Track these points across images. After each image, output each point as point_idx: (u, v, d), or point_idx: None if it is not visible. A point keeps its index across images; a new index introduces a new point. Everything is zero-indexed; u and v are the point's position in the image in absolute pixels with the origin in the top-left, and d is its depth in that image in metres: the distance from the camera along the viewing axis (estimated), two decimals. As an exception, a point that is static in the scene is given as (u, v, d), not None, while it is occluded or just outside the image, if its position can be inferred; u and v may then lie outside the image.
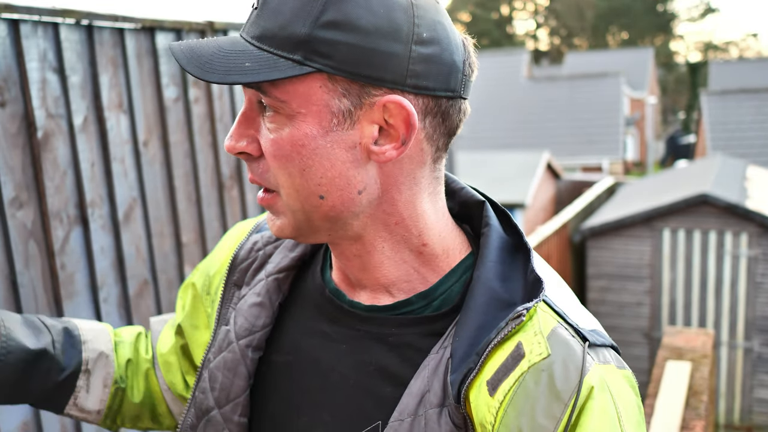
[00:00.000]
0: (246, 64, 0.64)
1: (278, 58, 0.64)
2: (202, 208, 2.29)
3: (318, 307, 0.80)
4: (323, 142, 0.66)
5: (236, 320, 0.83)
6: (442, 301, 0.74)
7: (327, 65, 0.64)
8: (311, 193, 0.68)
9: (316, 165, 0.67)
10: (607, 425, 0.61)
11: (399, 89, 0.66)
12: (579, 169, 18.63)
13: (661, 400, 2.88)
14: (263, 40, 0.65)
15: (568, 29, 50.34)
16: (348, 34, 0.63)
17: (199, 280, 0.97)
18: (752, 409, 6.67)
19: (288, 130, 0.66)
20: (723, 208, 6.51)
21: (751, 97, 15.48)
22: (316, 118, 0.66)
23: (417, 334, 0.73)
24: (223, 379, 0.81)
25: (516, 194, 10.41)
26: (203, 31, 2.28)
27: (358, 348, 0.75)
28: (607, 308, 7.21)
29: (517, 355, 0.64)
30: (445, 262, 0.75)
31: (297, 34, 0.63)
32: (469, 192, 0.82)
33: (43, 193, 1.70)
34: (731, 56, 48.81)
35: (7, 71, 1.61)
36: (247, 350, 0.81)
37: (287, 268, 0.84)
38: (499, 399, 0.62)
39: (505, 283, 0.71)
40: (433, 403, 0.67)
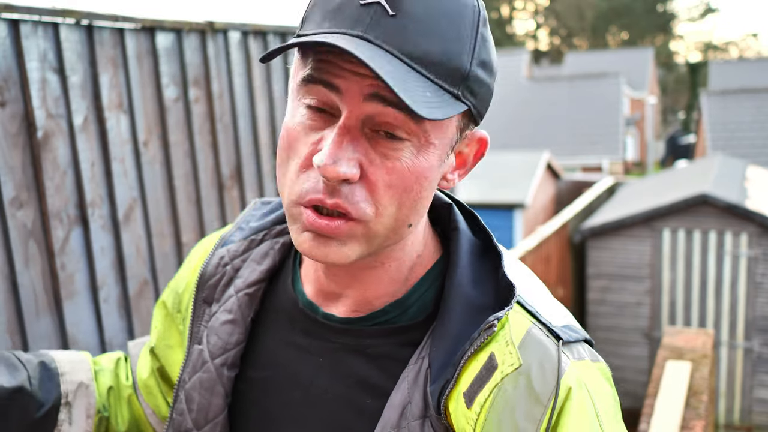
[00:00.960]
0: (427, 94, 0.58)
1: (442, 91, 0.59)
2: (202, 208, 2.29)
3: (292, 319, 0.78)
4: (437, 174, 0.65)
5: (209, 339, 0.81)
6: (416, 309, 0.73)
7: (473, 104, 0.63)
8: (406, 222, 0.66)
9: (427, 196, 0.65)
10: (586, 424, 0.61)
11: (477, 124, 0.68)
12: (579, 169, 18.63)
13: (661, 400, 2.88)
14: (424, 65, 0.58)
15: (568, 29, 50.34)
16: (489, 76, 0.64)
17: (169, 298, 0.94)
18: (752, 409, 6.67)
19: (416, 160, 0.62)
20: (723, 208, 6.51)
21: (751, 97, 15.48)
22: (441, 150, 0.64)
23: (394, 344, 0.72)
24: (200, 400, 0.80)
25: (516, 194, 10.41)
26: (203, 31, 2.28)
27: (335, 361, 0.74)
28: (607, 308, 7.21)
29: (491, 367, 0.63)
30: (420, 269, 0.74)
31: (462, 69, 0.60)
32: (436, 194, 0.79)
33: (43, 193, 1.70)
34: (731, 56, 48.81)
35: (7, 71, 1.61)
36: (223, 369, 0.79)
37: (257, 282, 0.82)
38: (476, 411, 0.62)
39: (478, 286, 0.69)
40: (415, 415, 0.66)
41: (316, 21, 0.62)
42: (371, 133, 0.62)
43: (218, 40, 2.34)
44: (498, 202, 10.23)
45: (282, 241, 0.84)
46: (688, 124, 36.69)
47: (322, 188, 0.62)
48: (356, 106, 0.60)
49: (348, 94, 0.60)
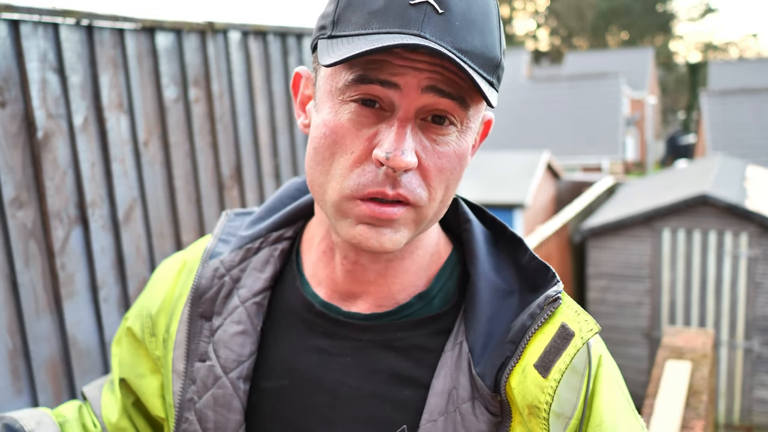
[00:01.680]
0: (480, 80, 0.63)
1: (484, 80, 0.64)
2: (202, 208, 2.29)
3: (307, 323, 0.77)
4: (469, 154, 0.70)
5: (218, 353, 0.79)
6: (440, 300, 0.75)
7: (498, 89, 0.67)
8: (446, 205, 0.70)
9: (461, 176, 0.69)
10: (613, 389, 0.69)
11: None
12: (579, 169, 18.63)
13: (661, 399, 2.88)
14: (471, 57, 0.62)
15: (568, 29, 50.33)
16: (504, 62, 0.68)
17: (136, 325, 0.91)
18: (752, 409, 6.67)
19: (459, 143, 0.67)
20: (723, 208, 6.51)
21: (751, 97, 15.48)
22: (474, 132, 0.69)
23: (423, 335, 0.73)
24: (216, 417, 0.78)
25: (516, 194, 10.41)
26: (203, 32, 2.28)
27: (363, 358, 0.73)
28: (607, 308, 7.21)
29: (567, 335, 0.65)
30: (440, 258, 0.77)
31: (497, 59, 0.65)
32: None
33: (43, 193, 1.70)
34: (731, 56, 48.81)
35: (7, 71, 1.61)
36: (239, 382, 0.78)
37: (263, 290, 0.81)
38: (555, 378, 0.64)
39: (500, 273, 0.73)
40: (463, 398, 0.68)
41: (358, 22, 0.63)
42: (422, 122, 0.65)
43: (218, 40, 2.34)
44: (498, 202, 10.23)
45: (281, 248, 0.83)
46: (688, 124, 36.69)
47: (383, 180, 0.64)
48: (414, 99, 0.63)
49: (406, 88, 0.62)
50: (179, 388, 0.81)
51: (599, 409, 0.67)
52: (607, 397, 0.68)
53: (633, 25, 47.84)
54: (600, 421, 0.66)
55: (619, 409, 0.68)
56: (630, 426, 0.69)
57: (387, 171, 0.63)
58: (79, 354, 1.82)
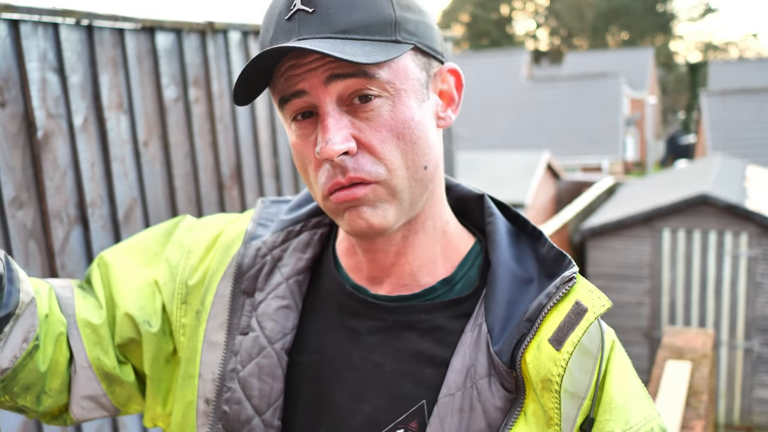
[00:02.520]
0: (366, 48, 0.66)
1: (380, 42, 0.67)
2: (202, 208, 2.29)
3: (339, 303, 0.82)
4: (420, 113, 0.71)
5: (263, 325, 0.83)
6: (462, 285, 0.79)
7: (417, 41, 0.70)
8: (419, 166, 0.72)
9: (422, 136, 0.71)
10: (625, 373, 0.72)
11: (443, 60, 0.75)
12: (579, 169, 18.63)
13: (661, 399, 2.88)
14: (355, 32, 0.67)
15: (568, 29, 50.34)
16: (418, 14, 0.71)
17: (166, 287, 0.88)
18: (752, 409, 6.67)
19: (395, 109, 0.69)
20: (723, 208, 6.51)
21: (751, 97, 15.48)
22: (413, 91, 0.71)
23: (446, 317, 0.77)
24: (261, 386, 0.81)
25: (516, 194, 10.41)
26: (203, 32, 2.28)
27: (389, 337, 0.78)
28: (607, 308, 7.21)
29: (580, 311, 0.69)
30: (459, 245, 0.81)
31: (388, 17, 0.68)
32: (465, 188, 0.87)
33: (43, 193, 1.70)
34: (731, 56, 48.82)
35: (7, 71, 1.61)
36: (282, 353, 0.82)
37: (304, 270, 0.86)
38: (568, 350, 0.67)
39: (520, 263, 0.77)
40: (480, 375, 0.71)
41: None
42: (349, 107, 0.69)
43: (218, 40, 2.34)
44: (498, 202, 10.22)
45: (321, 232, 0.88)
46: (688, 124, 36.68)
47: (333, 173, 0.70)
48: (324, 94, 0.68)
49: (312, 89, 0.68)
50: (220, 360, 0.83)
51: (610, 389, 0.70)
52: (619, 378, 0.71)
53: (633, 25, 47.84)
54: (610, 399, 0.69)
55: (632, 392, 0.71)
56: (642, 408, 0.71)
57: (333, 162, 0.68)
58: (79, 354, 1.82)
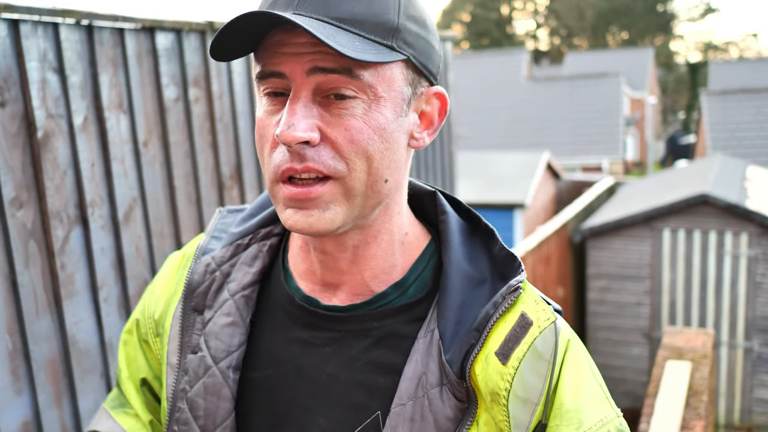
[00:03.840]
0: (356, 44, 0.64)
1: (374, 44, 0.66)
2: (202, 208, 2.29)
3: (292, 316, 0.80)
4: (395, 126, 0.70)
5: (209, 344, 0.82)
6: (415, 288, 0.77)
7: (411, 54, 0.69)
8: (380, 177, 0.70)
9: (391, 148, 0.70)
10: (584, 375, 0.69)
11: (435, 82, 0.74)
12: (579, 169, 18.63)
13: (661, 400, 2.88)
14: (354, 24, 0.65)
15: (568, 29, 50.34)
16: (422, 29, 0.70)
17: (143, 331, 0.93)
18: (752, 409, 6.67)
19: (370, 114, 0.67)
20: (723, 208, 6.51)
21: (751, 97, 15.48)
22: (393, 103, 0.69)
23: (399, 323, 0.75)
24: (206, 405, 0.80)
25: (516, 194, 10.41)
26: (203, 32, 2.28)
27: (342, 347, 0.76)
28: (607, 308, 7.21)
29: (525, 324, 0.68)
30: (415, 248, 0.79)
31: (390, 22, 0.67)
32: (418, 184, 0.85)
33: (43, 193, 1.70)
34: (731, 56, 48.81)
35: (7, 71, 1.61)
36: (228, 371, 0.80)
37: (251, 284, 0.83)
38: (514, 365, 0.67)
39: (472, 262, 0.75)
40: (432, 383, 0.69)
41: None
42: (323, 100, 0.67)
43: (218, 40, 2.34)
44: (498, 202, 10.23)
45: (270, 243, 0.86)
46: (688, 124, 36.68)
47: (289, 157, 0.68)
48: (303, 83, 0.66)
49: (292, 75, 0.66)
50: (173, 380, 0.84)
51: (561, 393, 0.68)
52: (572, 381, 0.68)
53: (633, 25, 47.83)
54: (560, 404, 0.67)
55: (587, 394, 0.68)
56: (598, 410, 0.68)
57: (291, 148, 0.66)
58: (79, 354, 1.82)
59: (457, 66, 19.14)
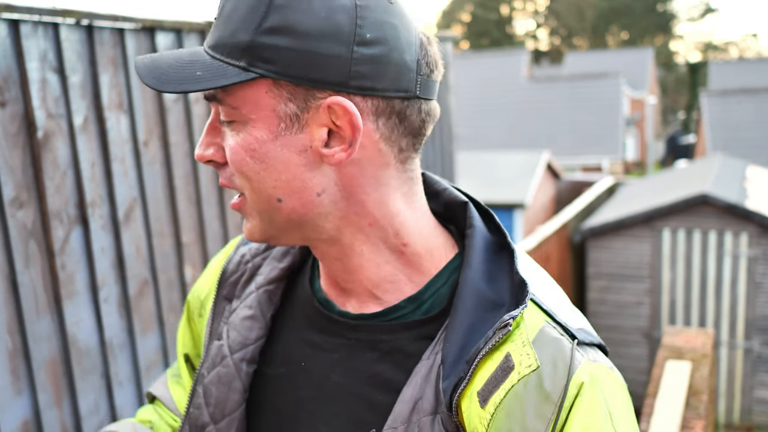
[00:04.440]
0: (198, 73, 0.66)
1: (227, 66, 0.66)
2: (202, 208, 2.29)
3: (308, 317, 0.79)
4: (273, 146, 0.67)
5: (229, 334, 0.83)
6: (431, 304, 0.73)
7: (270, 70, 0.65)
8: (269, 196, 0.69)
9: (269, 169, 0.68)
10: (598, 422, 0.60)
11: (344, 91, 0.65)
12: (579, 169, 18.63)
13: (661, 399, 2.88)
14: (216, 49, 0.67)
15: (568, 29, 50.34)
16: (289, 39, 0.64)
17: (191, 309, 0.97)
18: (752, 409, 6.67)
19: (242, 135, 0.68)
20: (723, 208, 6.51)
21: (751, 97, 15.48)
22: (265, 123, 0.67)
23: (407, 339, 0.72)
24: (217, 394, 0.81)
25: (516, 194, 10.41)
26: (203, 32, 2.27)
27: (350, 356, 0.75)
28: (607, 308, 7.21)
29: (507, 367, 0.63)
30: (430, 263, 0.75)
31: (241, 41, 0.65)
32: (452, 193, 0.80)
33: (43, 193, 1.70)
34: (731, 56, 48.81)
35: (7, 71, 1.61)
36: (242, 364, 0.81)
37: (277, 279, 0.84)
38: (490, 411, 0.62)
39: (492, 283, 0.70)
40: (426, 410, 0.66)
41: None
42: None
43: (218, 40, 2.34)
44: (498, 202, 10.23)
45: None
46: (688, 124, 36.68)
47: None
48: (211, 104, 0.71)
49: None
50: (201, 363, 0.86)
51: None
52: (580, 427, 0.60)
53: (633, 25, 47.84)
54: None
55: None
56: None
57: None
58: (79, 354, 1.82)
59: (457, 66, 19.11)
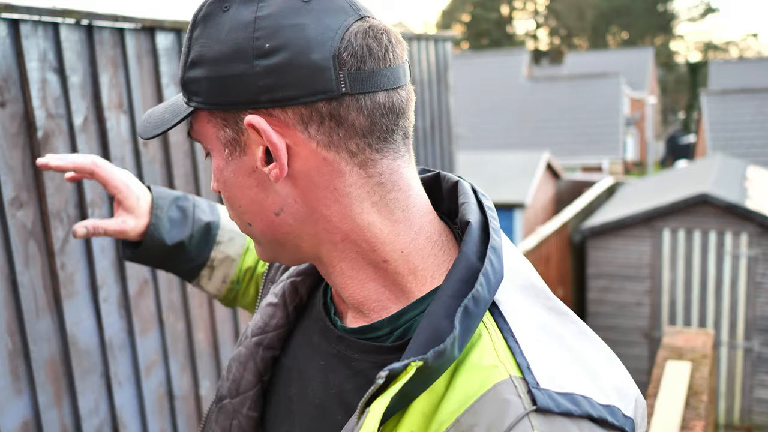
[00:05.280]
0: (166, 116, 0.72)
1: (182, 105, 0.71)
2: (202, 208, 2.29)
3: (315, 318, 0.80)
4: (228, 172, 0.69)
5: (255, 316, 0.86)
6: (403, 331, 0.68)
7: (198, 102, 0.68)
8: (242, 221, 0.72)
9: (234, 195, 0.70)
10: None
11: (260, 107, 0.63)
12: (579, 169, 18.63)
13: (661, 400, 2.88)
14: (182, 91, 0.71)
15: (568, 29, 50.35)
16: (203, 69, 0.66)
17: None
18: (752, 409, 6.67)
19: (214, 164, 0.72)
20: (723, 208, 6.51)
21: (751, 97, 15.48)
22: (217, 151, 0.70)
23: (371, 364, 0.68)
24: (235, 372, 0.84)
25: (516, 194, 10.41)
26: (203, 31, 2.27)
27: (330, 367, 0.73)
28: (607, 308, 7.21)
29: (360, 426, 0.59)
30: (414, 285, 0.68)
31: (180, 79, 0.70)
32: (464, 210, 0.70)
33: (43, 193, 1.70)
34: (731, 56, 48.80)
35: (7, 71, 1.61)
36: (258, 348, 0.82)
37: (305, 273, 0.84)
38: None
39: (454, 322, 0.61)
40: None
41: None
42: None
43: (218, 40, 2.34)
44: (498, 202, 10.24)
45: None
46: (688, 124, 36.70)
47: None
48: None
49: None
50: None
51: None
52: None
53: (633, 25, 47.84)
54: None
55: None
56: None
57: None
58: (79, 354, 1.82)
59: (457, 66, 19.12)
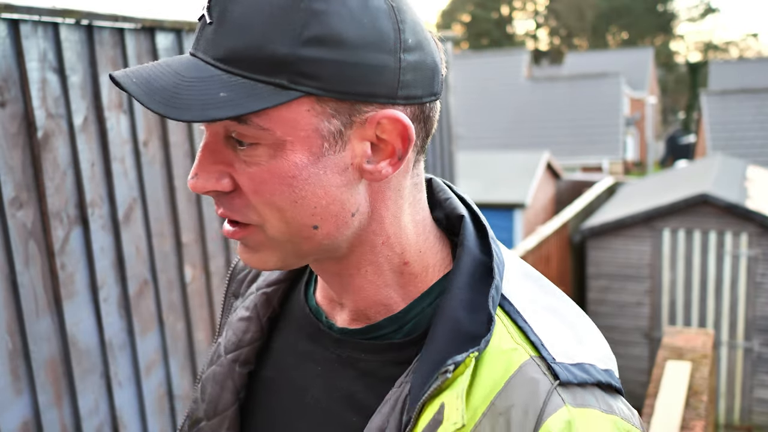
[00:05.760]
0: (221, 94, 0.56)
1: (256, 83, 0.56)
2: (202, 208, 2.29)
3: (299, 324, 0.78)
4: (315, 169, 0.60)
5: (226, 333, 0.82)
6: (413, 326, 0.68)
7: (316, 87, 0.57)
8: (304, 225, 0.62)
9: (309, 195, 0.60)
10: None
11: (391, 103, 0.60)
12: (579, 169, 18.63)
13: (661, 400, 2.88)
14: (232, 63, 0.57)
15: (568, 29, 50.34)
16: (335, 51, 0.56)
17: None
18: (752, 409, 6.67)
19: (274, 161, 0.59)
20: (723, 208, 6.51)
21: (751, 97, 15.48)
22: (306, 144, 0.59)
23: (384, 362, 0.68)
24: (211, 392, 0.80)
25: (516, 194, 10.41)
26: (203, 31, 2.27)
27: (330, 371, 0.72)
28: (607, 308, 7.21)
29: (436, 421, 0.58)
30: (422, 281, 0.69)
31: (277, 55, 0.56)
32: (452, 204, 0.72)
33: (43, 193, 1.70)
34: (731, 56, 48.81)
35: (7, 71, 1.61)
36: (234, 365, 0.79)
37: (276, 282, 0.81)
38: None
39: (472, 313, 0.63)
40: None
41: None
42: (234, 144, 0.61)
43: (218, 40, 2.34)
44: (498, 202, 10.23)
45: None
46: (688, 124, 36.70)
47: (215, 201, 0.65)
48: (209, 127, 0.61)
49: None
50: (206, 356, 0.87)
51: None
52: None
53: (633, 25, 47.84)
54: None
55: None
56: None
57: None
58: (79, 354, 1.82)
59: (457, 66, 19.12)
